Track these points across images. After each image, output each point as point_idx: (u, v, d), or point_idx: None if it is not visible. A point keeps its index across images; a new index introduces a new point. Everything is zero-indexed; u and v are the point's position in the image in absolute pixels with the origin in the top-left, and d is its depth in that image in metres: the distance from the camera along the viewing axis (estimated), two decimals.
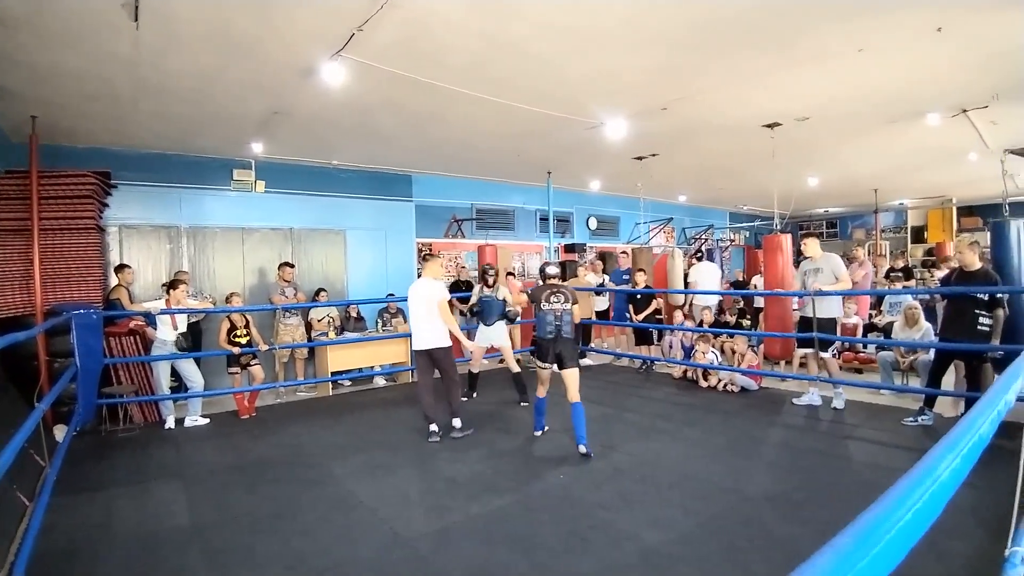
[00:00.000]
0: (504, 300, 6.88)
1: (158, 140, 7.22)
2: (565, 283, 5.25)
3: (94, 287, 6.59)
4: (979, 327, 5.28)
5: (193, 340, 7.02)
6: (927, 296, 8.16)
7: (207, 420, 6.44)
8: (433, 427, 5.51)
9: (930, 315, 7.21)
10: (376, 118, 6.63)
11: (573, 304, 5.18)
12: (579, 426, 4.95)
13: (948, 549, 3.12)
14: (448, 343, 5.55)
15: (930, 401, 5.67)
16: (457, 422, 5.61)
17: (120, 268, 7.00)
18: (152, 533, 3.67)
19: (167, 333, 6.30)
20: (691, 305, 9.75)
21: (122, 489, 4.46)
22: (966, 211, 15.26)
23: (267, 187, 8.59)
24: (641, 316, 8.95)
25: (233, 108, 6.07)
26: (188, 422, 6.33)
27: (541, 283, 5.37)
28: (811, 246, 6.60)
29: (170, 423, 6.29)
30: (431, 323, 5.49)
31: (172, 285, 6.41)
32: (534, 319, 5.28)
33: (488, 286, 7.07)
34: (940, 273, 7.82)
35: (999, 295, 5.24)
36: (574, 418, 4.97)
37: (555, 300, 5.13)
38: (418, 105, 6.15)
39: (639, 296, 9.07)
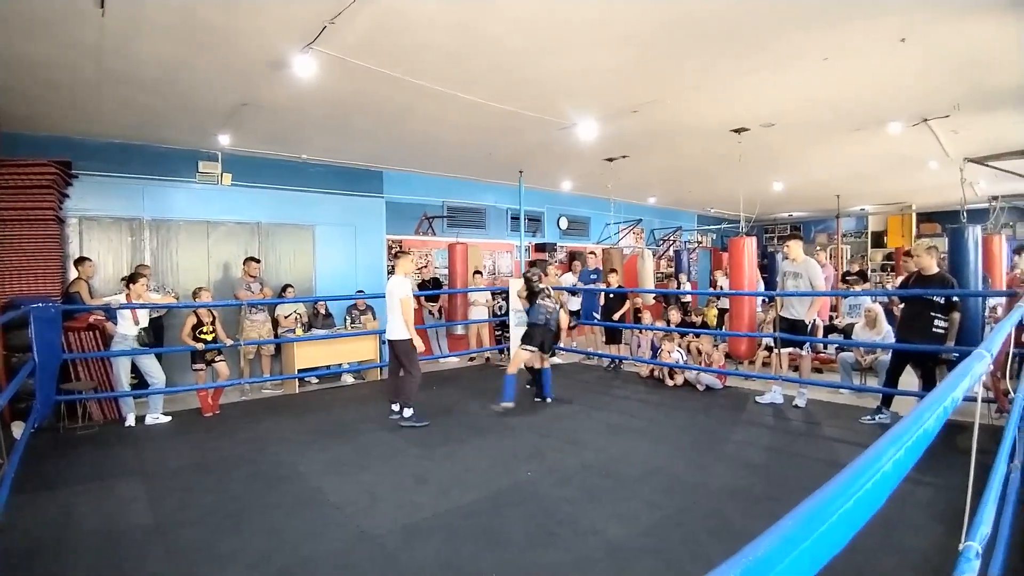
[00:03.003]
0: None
1: (121, 130, 7.04)
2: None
3: (53, 280, 6.43)
4: (934, 329, 5.46)
5: (155, 335, 6.86)
6: (886, 299, 8.41)
7: (169, 418, 6.29)
8: (395, 406, 6.12)
9: (889, 317, 7.43)
10: (347, 112, 6.58)
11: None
12: (546, 384, 6.87)
13: (906, 544, 3.25)
14: (407, 336, 5.96)
15: (887, 400, 5.85)
16: (407, 411, 5.97)
17: (80, 261, 6.82)
18: (113, 532, 3.59)
19: (128, 328, 6.15)
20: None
21: (82, 487, 4.35)
22: (925, 217, 15.74)
23: (234, 180, 8.42)
24: (617, 315, 9.03)
25: (200, 98, 5.94)
26: (149, 420, 6.19)
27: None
28: (794, 248, 6.71)
29: (130, 421, 6.13)
30: (393, 317, 6.02)
31: (132, 279, 6.25)
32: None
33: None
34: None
35: (955, 299, 5.43)
36: (545, 377, 6.88)
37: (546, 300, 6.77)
38: (390, 100, 6.11)
39: (611, 296, 9.18)
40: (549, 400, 6.78)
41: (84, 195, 7.22)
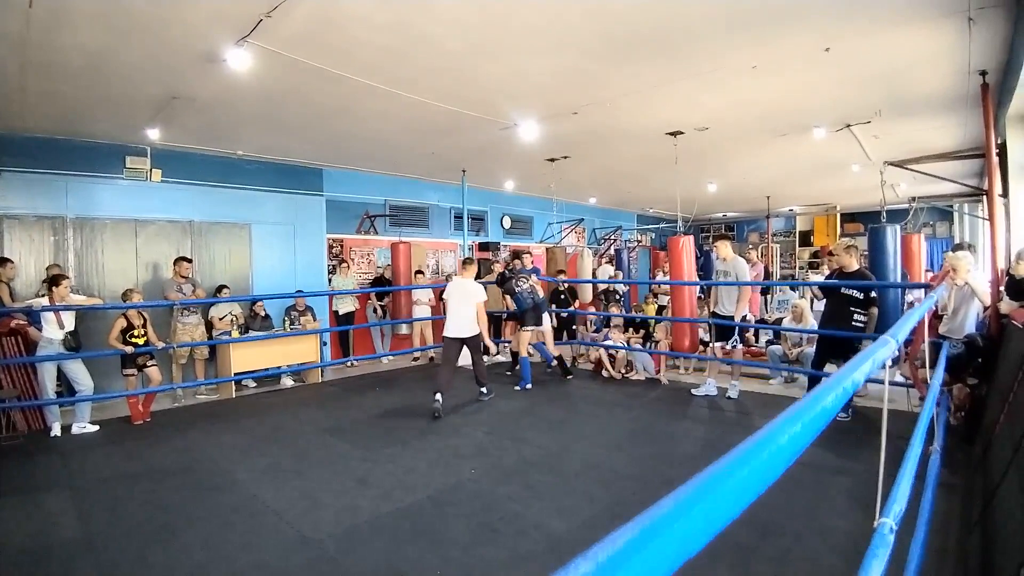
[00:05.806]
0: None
1: (45, 123, 6.63)
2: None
3: None
4: (854, 323, 5.79)
5: (81, 340, 6.52)
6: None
7: (96, 427, 6.01)
8: (438, 397, 6.19)
9: None
10: (284, 108, 6.41)
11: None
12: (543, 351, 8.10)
13: (831, 526, 3.47)
14: (479, 331, 6.61)
15: None
16: (484, 389, 6.85)
17: (0, 262, 6.41)
18: (40, 547, 3.43)
19: (53, 332, 5.84)
20: None
21: (6, 500, 4.13)
22: (849, 217, 16.56)
23: (164, 176, 8.06)
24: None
25: (128, 91, 5.67)
26: (76, 429, 5.89)
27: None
28: (722, 248, 6.93)
29: (56, 430, 5.83)
30: (468, 315, 6.51)
31: (54, 281, 5.94)
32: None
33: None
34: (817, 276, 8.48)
35: (873, 295, 5.76)
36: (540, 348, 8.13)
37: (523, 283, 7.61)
38: (329, 97, 6.00)
39: (563, 297, 9.42)
40: (553, 366, 8.13)
41: (4, 192, 6.79)
